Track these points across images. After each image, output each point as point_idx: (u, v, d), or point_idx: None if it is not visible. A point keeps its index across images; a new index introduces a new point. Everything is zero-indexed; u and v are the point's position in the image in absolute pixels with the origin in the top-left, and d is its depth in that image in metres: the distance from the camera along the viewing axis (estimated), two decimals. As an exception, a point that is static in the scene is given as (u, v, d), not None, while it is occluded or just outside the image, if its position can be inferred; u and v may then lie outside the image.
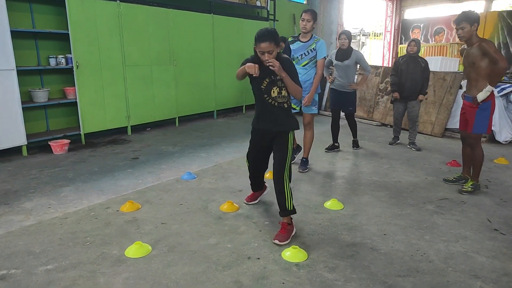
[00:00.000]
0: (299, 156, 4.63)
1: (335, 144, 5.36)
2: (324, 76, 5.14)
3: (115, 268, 2.42)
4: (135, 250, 2.57)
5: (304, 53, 4.21)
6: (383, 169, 4.54)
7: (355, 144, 5.51)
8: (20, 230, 2.92)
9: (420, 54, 5.69)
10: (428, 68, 5.40)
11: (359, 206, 3.45)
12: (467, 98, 3.80)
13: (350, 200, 3.59)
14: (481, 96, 3.56)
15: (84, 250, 2.63)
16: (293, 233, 2.85)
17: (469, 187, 3.82)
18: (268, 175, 4.18)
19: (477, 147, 3.76)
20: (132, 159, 4.85)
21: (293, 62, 4.28)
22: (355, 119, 5.56)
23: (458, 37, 3.67)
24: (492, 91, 3.57)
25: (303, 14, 4.16)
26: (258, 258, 2.54)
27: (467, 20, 3.54)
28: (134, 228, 2.96)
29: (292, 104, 4.36)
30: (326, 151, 5.29)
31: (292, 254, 2.54)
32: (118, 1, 5.79)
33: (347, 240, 2.81)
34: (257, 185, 3.46)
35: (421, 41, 14.65)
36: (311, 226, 3.03)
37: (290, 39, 4.40)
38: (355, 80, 5.14)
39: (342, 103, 5.23)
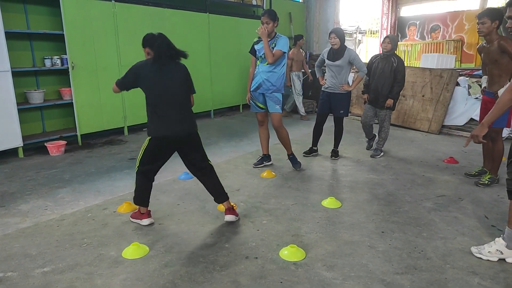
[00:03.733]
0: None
1: (314, 148, 5.01)
2: (317, 77, 4.98)
3: (113, 270, 2.41)
4: (132, 251, 2.56)
5: None
6: (380, 167, 4.54)
7: (334, 154, 4.92)
8: (16, 233, 2.90)
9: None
10: (402, 70, 4.68)
11: (356, 204, 3.45)
12: (487, 93, 3.84)
13: (347, 198, 3.58)
14: (501, 92, 3.56)
15: (81, 252, 2.61)
16: (137, 221, 3.02)
17: (486, 180, 3.87)
18: (266, 174, 4.18)
19: (498, 141, 3.80)
20: (129, 160, 4.83)
21: (258, 61, 4.17)
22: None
23: (478, 31, 3.67)
24: None
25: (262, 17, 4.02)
26: (256, 258, 2.54)
27: (489, 16, 3.53)
28: (131, 229, 2.95)
29: (258, 103, 4.26)
30: (304, 155, 4.89)
31: (290, 253, 2.53)
32: (113, 1, 5.77)
33: (345, 238, 2.81)
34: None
35: (417, 38, 14.86)
36: (308, 224, 3.03)
37: (255, 40, 4.23)
38: (349, 81, 4.72)
39: (333, 106, 4.74)
